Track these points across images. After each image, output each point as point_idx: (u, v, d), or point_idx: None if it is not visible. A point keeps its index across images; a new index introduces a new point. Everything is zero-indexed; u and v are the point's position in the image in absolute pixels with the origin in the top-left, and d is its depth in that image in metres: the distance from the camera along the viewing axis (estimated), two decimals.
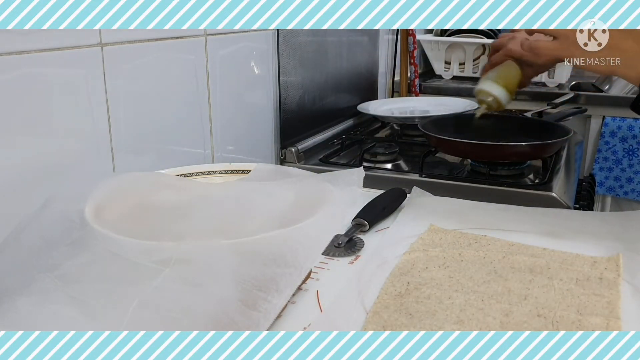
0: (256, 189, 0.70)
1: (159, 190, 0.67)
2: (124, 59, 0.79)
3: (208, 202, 0.68)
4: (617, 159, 1.72)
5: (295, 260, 0.52)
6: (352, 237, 0.75)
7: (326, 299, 0.61)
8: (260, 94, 1.10)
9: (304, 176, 0.74)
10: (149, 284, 0.49)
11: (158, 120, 0.87)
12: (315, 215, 0.57)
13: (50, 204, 0.59)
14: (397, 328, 0.54)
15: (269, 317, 0.49)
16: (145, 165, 0.84)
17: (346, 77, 1.47)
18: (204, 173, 0.78)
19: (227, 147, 1.03)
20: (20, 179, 0.67)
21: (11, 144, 0.66)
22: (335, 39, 1.37)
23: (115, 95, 0.78)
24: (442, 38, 1.96)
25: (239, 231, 0.58)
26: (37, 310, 0.49)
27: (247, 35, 1.04)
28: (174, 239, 0.53)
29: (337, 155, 1.23)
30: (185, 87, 0.92)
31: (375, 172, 1.10)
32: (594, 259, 0.67)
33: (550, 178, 1.02)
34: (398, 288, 0.62)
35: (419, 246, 0.72)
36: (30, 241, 0.56)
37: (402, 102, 1.64)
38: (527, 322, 0.55)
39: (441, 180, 1.04)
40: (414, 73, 1.82)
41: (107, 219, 0.58)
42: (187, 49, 0.91)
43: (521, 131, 1.17)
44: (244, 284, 0.50)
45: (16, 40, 0.64)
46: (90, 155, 0.76)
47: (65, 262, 0.52)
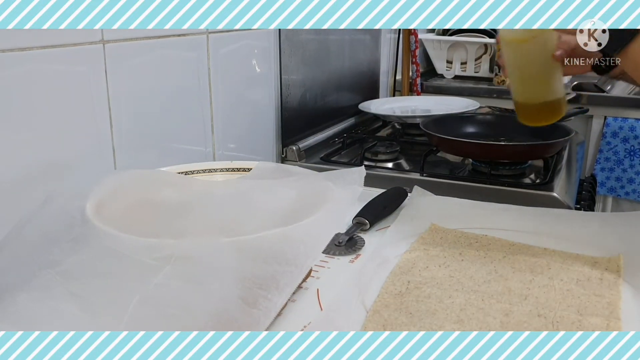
0: (257, 187, 0.70)
1: (160, 188, 0.67)
2: (126, 57, 0.79)
3: (209, 200, 0.68)
4: (619, 160, 1.72)
5: (296, 259, 0.52)
6: (353, 236, 0.75)
7: (326, 297, 0.61)
8: (261, 92, 1.10)
9: (305, 175, 0.74)
10: (150, 281, 0.49)
11: (159, 118, 0.87)
12: (316, 214, 0.57)
13: (52, 200, 0.59)
14: (397, 327, 0.55)
15: (269, 315, 0.49)
16: (147, 163, 0.84)
17: (348, 76, 1.47)
18: (205, 171, 0.78)
19: (229, 145, 1.03)
20: (21, 175, 0.67)
21: (13, 140, 0.66)
22: (337, 38, 1.37)
23: (116, 92, 0.78)
24: (444, 37, 1.96)
25: (240, 229, 0.58)
26: (37, 307, 0.49)
27: (249, 33, 1.04)
28: (175, 236, 0.53)
29: (338, 154, 1.23)
30: (187, 84, 0.92)
31: (376, 171, 1.10)
32: (595, 260, 0.67)
33: (552, 178, 1.02)
34: (398, 287, 0.62)
35: (420, 245, 0.72)
36: (31, 237, 0.56)
37: (403, 101, 1.64)
38: (527, 322, 0.55)
39: (442, 179, 1.04)
40: (415, 72, 1.82)
41: (108, 216, 0.58)
42: (189, 47, 0.91)
43: (522, 131, 1.17)
44: (244, 282, 0.50)
45: (18, 37, 0.64)
46: (91, 153, 0.76)
47: (66, 259, 0.53)
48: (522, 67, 0.78)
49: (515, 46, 0.76)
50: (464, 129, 1.22)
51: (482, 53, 1.95)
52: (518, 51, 0.76)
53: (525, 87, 0.80)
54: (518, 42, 0.75)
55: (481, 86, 1.85)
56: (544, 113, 0.80)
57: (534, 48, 0.75)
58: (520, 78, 0.79)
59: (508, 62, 0.78)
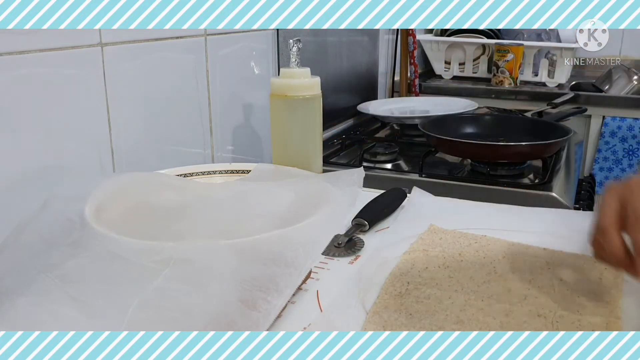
0: (256, 189, 0.70)
1: (159, 191, 0.67)
2: (124, 59, 0.79)
3: (208, 203, 0.68)
4: (617, 159, 1.72)
5: (295, 260, 0.52)
6: (352, 237, 0.75)
7: (326, 299, 0.61)
8: (260, 93, 1.10)
9: (304, 176, 0.74)
10: (149, 284, 0.49)
11: (158, 120, 0.87)
12: (315, 215, 0.57)
13: (50, 203, 0.59)
14: (397, 328, 0.54)
15: (268, 317, 0.49)
16: (145, 165, 0.84)
17: (346, 77, 1.47)
18: (203, 173, 0.78)
19: (227, 147, 1.03)
20: (20, 178, 0.67)
21: (11, 143, 0.66)
22: (335, 39, 1.37)
23: (115, 95, 0.78)
24: (442, 38, 1.96)
25: (239, 231, 0.58)
26: (37, 310, 0.49)
27: (247, 35, 1.04)
28: (174, 239, 0.53)
29: (337, 156, 1.23)
30: (185, 86, 0.92)
31: (375, 172, 1.10)
32: (595, 259, 0.67)
33: (550, 178, 1.02)
34: (398, 288, 0.62)
35: (419, 246, 0.72)
36: (30, 241, 0.56)
37: (402, 102, 1.64)
38: (527, 322, 0.55)
39: (441, 180, 1.04)
40: (414, 73, 1.82)
41: (107, 219, 0.57)
42: (187, 49, 0.91)
43: (521, 131, 1.18)
44: (244, 284, 0.50)
45: (16, 40, 0.64)
46: (90, 155, 0.76)
47: (65, 262, 0.52)
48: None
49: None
50: (463, 129, 1.23)
51: (480, 54, 1.95)
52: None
53: None
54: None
55: (479, 87, 1.85)
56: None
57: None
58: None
59: None
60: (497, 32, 1.98)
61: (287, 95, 0.84)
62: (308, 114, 0.86)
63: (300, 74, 0.85)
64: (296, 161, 0.84)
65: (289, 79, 0.85)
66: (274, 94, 0.86)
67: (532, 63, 1.85)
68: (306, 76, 0.86)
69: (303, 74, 0.85)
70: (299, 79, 0.85)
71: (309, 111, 0.86)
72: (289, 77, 0.85)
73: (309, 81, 0.86)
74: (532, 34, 1.96)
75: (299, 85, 0.85)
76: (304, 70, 0.86)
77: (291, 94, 0.84)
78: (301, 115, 0.85)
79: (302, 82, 0.85)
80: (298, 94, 0.84)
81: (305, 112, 0.86)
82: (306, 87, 0.85)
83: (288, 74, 0.85)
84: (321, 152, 0.90)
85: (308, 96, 0.85)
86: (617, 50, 2.18)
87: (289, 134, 0.86)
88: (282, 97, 0.85)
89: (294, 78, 0.85)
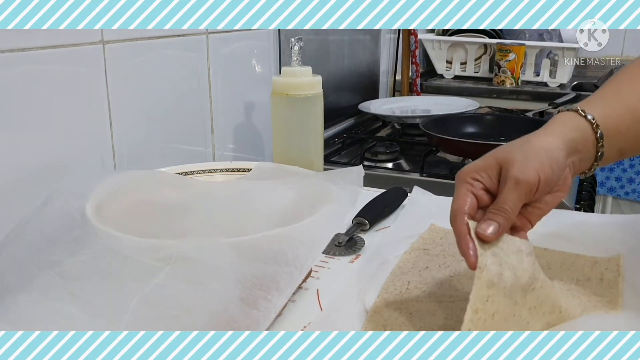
0: (257, 188, 0.70)
1: (159, 188, 0.67)
2: (126, 57, 0.79)
3: (209, 201, 0.68)
4: None
5: (296, 259, 0.52)
6: (353, 236, 0.75)
7: (326, 297, 0.61)
8: (261, 92, 1.10)
9: (304, 175, 0.74)
10: (150, 281, 0.49)
11: (159, 118, 0.87)
12: (315, 214, 0.57)
13: (51, 201, 0.59)
14: (398, 327, 0.54)
15: (269, 316, 0.49)
16: (146, 163, 0.84)
17: (347, 76, 1.47)
18: (204, 171, 0.78)
19: (228, 145, 1.03)
20: (21, 176, 0.67)
21: (12, 141, 0.66)
22: (336, 38, 1.37)
23: (116, 93, 0.78)
24: (444, 37, 1.96)
25: (240, 229, 0.58)
26: (37, 307, 0.49)
27: (248, 33, 1.04)
28: (175, 236, 0.53)
29: (338, 154, 1.23)
30: (187, 85, 0.92)
31: (376, 171, 1.10)
32: (595, 259, 0.67)
33: None
34: (398, 287, 0.62)
35: (420, 245, 0.71)
36: (31, 238, 0.56)
37: (403, 101, 1.64)
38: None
39: (442, 179, 1.04)
40: (415, 72, 1.82)
41: (108, 217, 0.58)
42: (189, 47, 0.91)
43: (522, 131, 1.17)
44: (244, 283, 0.50)
45: (17, 37, 0.64)
46: (91, 153, 0.76)
47: (66, 259, 0.53)
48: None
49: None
50: (464, 129, 1.23)
51: (482, 53, 1.95)
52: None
53: None
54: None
55: (481, 86, 1.85)
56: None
57: None
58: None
59: None
60: (499, 32, 1.98)
61: (289, 94, 0.84)
62: (309, 112, 0.86)
63: (302, 73, 0.85)
64: (297, 160, 0.84)
65: (291, 78, 0.85)
66: (275, 93, 0.86)
67: (533, 63, 1.85)
68: (308, 75, 0.86)
69: (304, 73, 0.85)
70: (300, 77, 0.85)
71: (310, 110, 0.86)
72: (291, 76, 0.85)
73: (311, 80, 0.86)
74: (534, 33, 1.96)
75: (301, 83, 0.85)
76: (305, 69, 0.86)
77: (292, 93, 0.84)
78: (302, 114, 0.86)
79: (303, 81, 0.85)
80: (299, 92, 0.85)
81: (306, 110, 0.86)
82: (307, 85, 0.85)
83: (289, 73, 0.85)
84: (322, 151, 0.90)
85: (309, 95, 0.85)
86: (619, 50, 2.18)
87: (290, 132, 0.86)
88: (284, 96, 0.85)
89: (296, 77, 0.85)
